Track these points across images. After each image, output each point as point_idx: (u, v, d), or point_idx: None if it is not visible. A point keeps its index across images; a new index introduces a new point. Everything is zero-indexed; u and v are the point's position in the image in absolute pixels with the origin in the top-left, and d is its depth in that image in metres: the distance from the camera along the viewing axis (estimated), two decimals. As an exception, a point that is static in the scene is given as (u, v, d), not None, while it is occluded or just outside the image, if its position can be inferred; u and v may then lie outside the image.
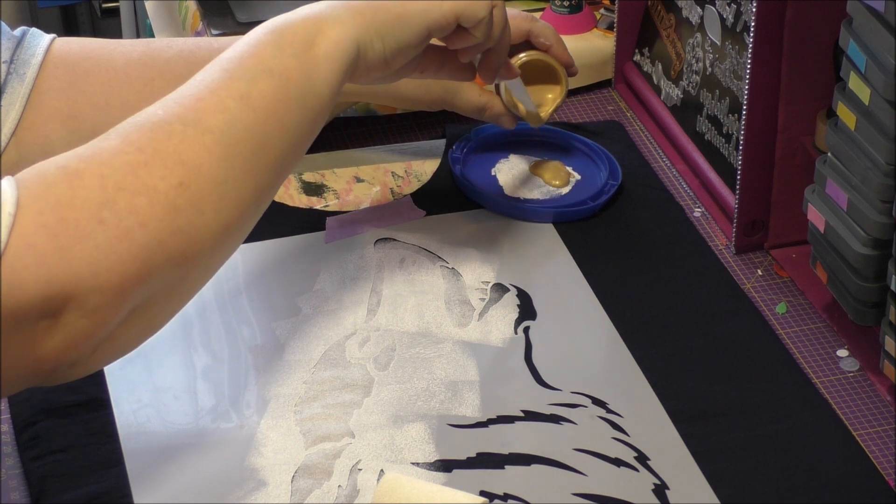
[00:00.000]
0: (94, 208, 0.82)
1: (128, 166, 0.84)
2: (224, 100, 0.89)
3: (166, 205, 0.84)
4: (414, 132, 1.37)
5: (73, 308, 0.81)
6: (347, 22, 0.96)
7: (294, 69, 0.92)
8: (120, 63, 1.12)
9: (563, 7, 1.45)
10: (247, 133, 0.89)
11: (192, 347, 1.10)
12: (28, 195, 0.81)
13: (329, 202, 1.25)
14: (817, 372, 1.11)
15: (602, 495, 0.99)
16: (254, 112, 0.90)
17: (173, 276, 0.86)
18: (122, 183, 0.84)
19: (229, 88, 0.90)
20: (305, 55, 0.93)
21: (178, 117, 0.88)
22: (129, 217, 0.83)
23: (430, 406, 1.06)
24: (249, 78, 0.91)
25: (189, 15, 1.49)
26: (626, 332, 1.12)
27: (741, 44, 1.22)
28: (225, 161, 0.88)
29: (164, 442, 1.02)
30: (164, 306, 0.88)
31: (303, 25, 0.95)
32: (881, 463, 1.03)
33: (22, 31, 1.12)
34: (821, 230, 1.10)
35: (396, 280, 1.17)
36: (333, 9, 0.97)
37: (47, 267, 0.80)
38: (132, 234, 0.83)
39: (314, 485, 0.99)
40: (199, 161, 0.86)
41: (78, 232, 0.81)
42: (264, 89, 0.91)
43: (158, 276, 0.85)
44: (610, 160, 1.29)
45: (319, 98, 0.94)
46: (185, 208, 0.85)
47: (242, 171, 0.89)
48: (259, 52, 0.92)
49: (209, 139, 0.87)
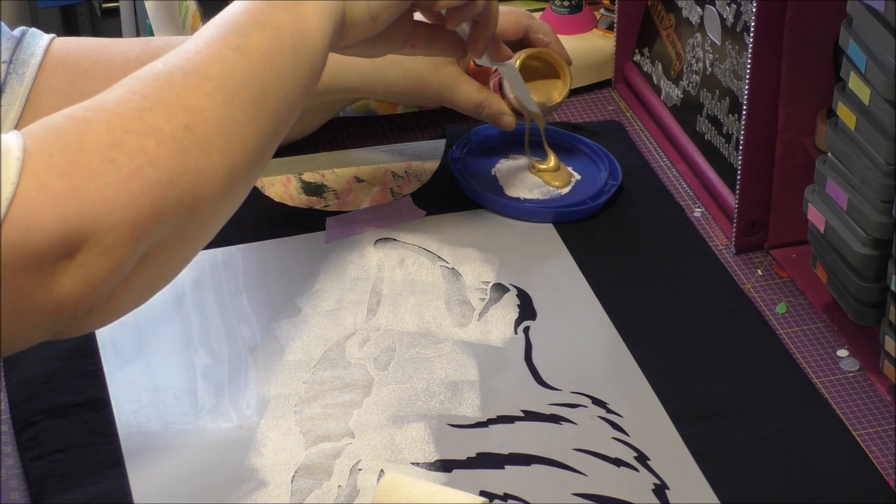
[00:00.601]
0: (104, 149, 0.84)
1: (133, 111, 0.87)
2: (221, 51, 0.92)
3: (173, 145, 0.87)
4: (414, 132, 1.37)
5: (90, 246, 0.83)
6: None
7: (286, 22, 0.95)
8: (119, 62, 1.12)
9: (563, 7, 1.45)
10: (245, 81, 0.92)
11: (192, 347, 1.10)
12: (37, 142, 0.83)
13: (329, 202, 1.25)
14: (817, 372, 1.11)
15: (602, 495, 0.99)
16: (250, 61, 0.92)
17: (184, 217, 0.88)
18: (130, 126, 0.86)
19: (225, 41, 0.92)
20: (295, 10, 0.96)
21: (178, 67, 0.90)
22: (138, 156, 0.85)
23: (430, 406, 1.06)
24: (244, 31, 0.93)
25: (189, 15, 1.50)
26: (626, 332, 1.12)
27: (741, 44, 1.22)
28: (226, 106, 0.90)
29: (164, 442, 1.02)
30: (175, 251, 0.90)
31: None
32: (881, 463, 1.03)
33: (21, 32, 1.12)
34: (821, 230, 1.10)
35: (396, 280, 1.17)
36: None
37: (62, 206, 0.82)
38: (143, 172, 0.85)
39: (314, 485, 0.99)
40: (202, 106, 0.89)
41: (90, 172, 0.83)
42: (259, 41, 0.93)
43: (170, 216, 0.87)
44: (610, 160, 1.29)
45: (312, 50, 0.96)
46: (191, 149, 0.88)
47: (244, 116, 0.91)
48: (250, 9, 0.95)
49: (209, 86, 0.90)
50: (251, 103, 0.92)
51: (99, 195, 0.83)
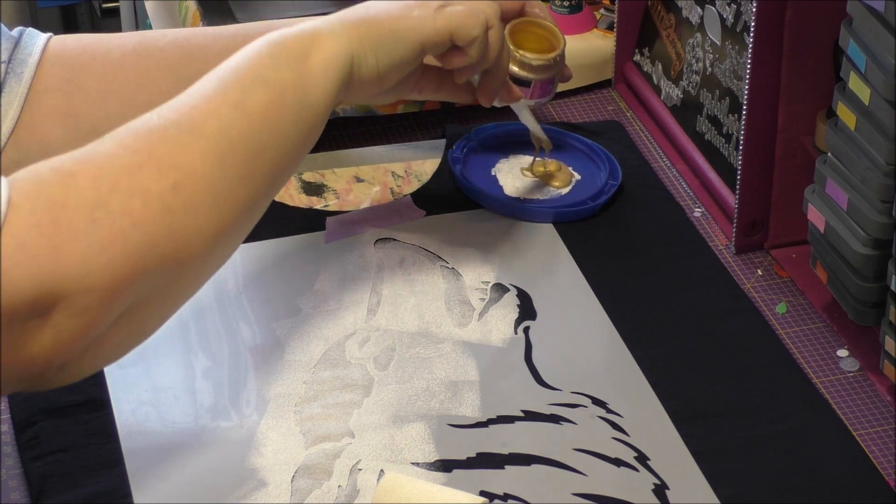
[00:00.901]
0: (88, 209, 0.82)
1: (122, 168, 0.84)
2: (219, 107, 0.89)
3: (160, 206, 0.84)
4: (414, 132, 1.37)
5: (63, 308, 0.81)
6: (342, 35, 0.97)
7: (289, 80, 0.93)
8: (116, 55, 1.12)
9: (563, 7, 1.45)
10: (241, 140, 0.89)
11: (192, 348, 1.10)
12: (21, 195, 0.81)
13: (329, 202, 1.25)
14: (817, 372, 1.11)
15: (602, 495, 0.99)
16: (248, 119, 0.90)
17: (165, 278, 0.86)
18: (117, 184, 0.84)
19: (224, 96, 0.90)
20: (300, 66, 0.94)
21: (173, 123, 0.88)
22: (122, 218, 0.83)
23: (430, 406, 1.06)
24: (244, 87, 0.91)
25: (189, 15, 1.49)
26: (626, 332, 1.12)
27: (741, 44, 1.22)
28: (219, 166, 0.88)
29: (163, 442, 1.02)
30: (155, 310, 0.88)
31: (298, 38, 0.96)
32: (881, 463, 1.03)
33: (19, 32, 1.12)
34: (821, 230, 1.10)
35: (396, 280, 1.17)
36: (328, 23, 0.98)
37: (38, 266, 0.80)
38: (125, 234, 0.83)
39: (314, 485, 0.99)
40: (194, 165, 0.87)
41: (71, 231, 0.81)
42: (259, 98, 0.91)
43: (150, 278, 0.84)
44: (610, 160, 1.29)
45: (314, 109, 0.95)
46: (178, 211, 0.85)
47: (236, 176, 0.89)
48: (254, 63, 0.93)
49: (203, 144, 0.87)
50: (246, 163, 0.90)
51: (77, 257, 0.81)
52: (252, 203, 0.91)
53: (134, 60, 1.12)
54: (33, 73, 1.10)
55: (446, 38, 1.02)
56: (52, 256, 0.80)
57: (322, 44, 0.96)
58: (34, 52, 1.11)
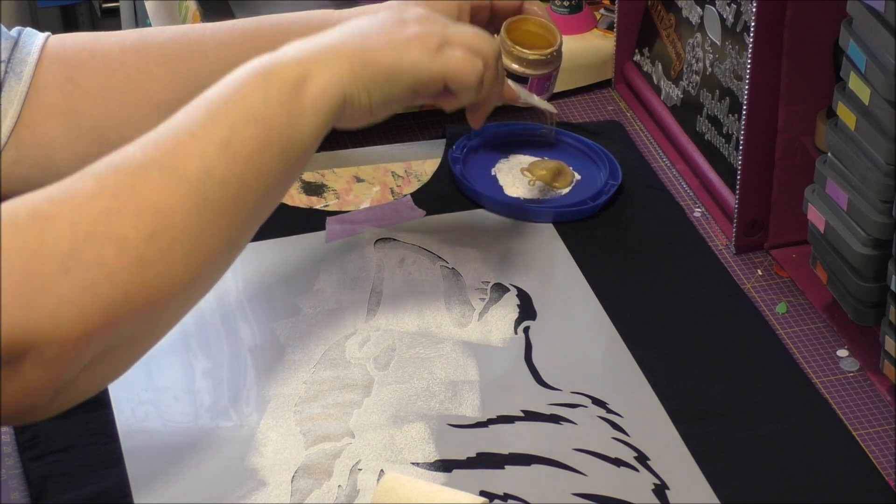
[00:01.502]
0: (62, 257, 0.81)
1: (100, 213, 0.83)
2: (205, 146, 0.87)
3: (135, 257, 0.83)
4: (414, 132, 1.37)
5: (31, 358, 0.80)
6: (336, 71, 0.95)
7: (278, 116, 0.91)
8: (114, 52, 1.12)
9: (563, 7, 1.45)
10: (223, 181, 0.88)
11: (192, 348, 1.10)
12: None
13: (329, 202, 1.25)
14: (817, 372, 1.11)
15: (602, 495, 0.99)
16: (233, 160, 0.88)
17: (138, 325, 0.85)
18: (93, 231, 0.82)
19: (211, 133, 0.88)
20: (291, 102, 0.92)
21: (156, 162, 0.86)
22: (95, 268, 0.81)
23: (430, 406, 1.06)
24: (232, 123, 0.89)
25: (189, 15, 1.49)
26: (626, 332, 1.12)
27: (741, 44, 1.22)
28: (199, 211, 0.86)
29: (164, 442, 1.02)
30: (127, 353, 0.87)
31: (291, 69, 0.93)
32: (881, 463, 1.03)
33: (18, 31, 1.12)
34: (821, 230, 1.10)
35: (396, 280, 1.17)
36: (324, 53, 0.95)
37: (7, 316, 0.78)
38: (97, 286, 0.81)
39: (314, 485, 0.99)
40: (173, 210, 0.85)
41: (42, 281, 0.80)
42: (246, 137, 0.89)
43: (122, 326, 0.83)
44: (610, 160, 1.29)
45: (301, 146, 0.93)
46: (154, 261, 0.84)
47: (216, 220, 0.87)
48: (245, 96, 0.91)
49: (185, 188, 0.86)
50: (226, 205, 0.88)
51: (48, 309, 0.79)
52: (230, 246, 0.90)
53: (132, 57, 1.12)
54: (33, 71, 1.10)
55: (440, 85, 1.00)
56: (21, 307, 0.79)
57: (315, 77, 0.93)
58: (33, 52, 1.11)
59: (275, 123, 0.90)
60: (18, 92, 1.09)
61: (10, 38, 1.11)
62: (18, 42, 1.11)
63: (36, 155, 1.12)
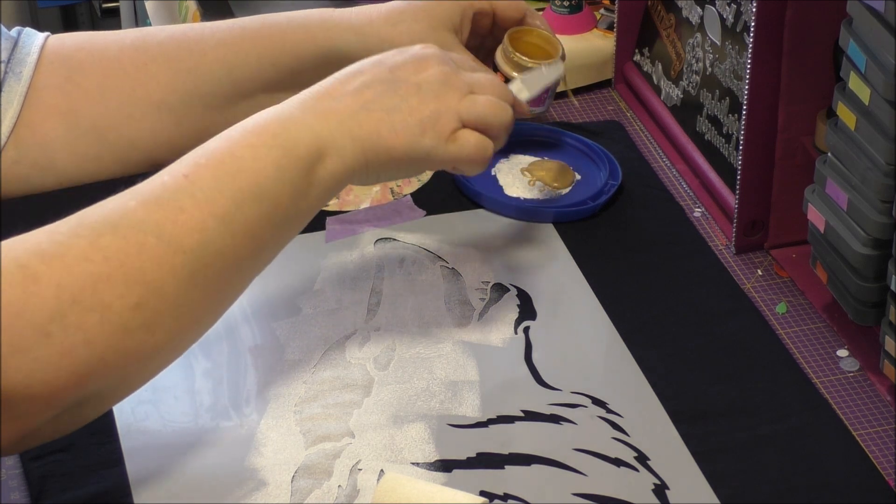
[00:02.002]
0: (43, 320, 0.80)
1: (88, 278, 0.82)
2: (206, 219, 0.87)
3: (117, 325, 0.83)
4: (414, 132, 1.36)
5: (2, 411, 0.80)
6: (349, 158, 0.95)
7: (286, 195, 0.91)
8: (113, 51, 1.12)
9: (563, 7, 1.45)
10: (219, 257, 0.87)
11: (192, 348, 1.10)
12: None
13: (329, 202, 1.25)
14: (817, 372, 1.11)
15: (602, 495, 0.99)
16: (232, 237, 0.88)
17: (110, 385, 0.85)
18: (79, 297, 0.81)
19: (214, 205, 0.87)
20: (301, 179, 0.92)
21: (154, 228, 0.85)
22: (75, 333, 0.81)
23: (430, 406, 1.06)
24: (238, 199, 0.88)
25: (189, 15, 1.50)
26: (626, 332, 1.12)
27: (741, 44, 1.22)
28: (189, 284, 0.86)
29: (164, 442, 1.02)
30: (96, 406, 0.87)
31: (307, 147, 0.93)
32: (881, 463, 1.03)
33: (17, 31, 1.13)
34: (821, 230, 1.10)
35: (396, 280, 1.17)
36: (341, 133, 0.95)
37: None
38: (75, 350, 0.81)
39: (314, 485, 0.99)
40: (163, 282, 0.84)
41: (21, 342, 0.79)
42: (250, 214, 0.89)
43: (94, 387, 0.83)
44: (610, 160, 1.29)
45: (299, 220, 0.94)
46: (136, 330, 0.83)
47: (205, 293, 0.87)
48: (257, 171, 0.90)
49: (179, 260, 0.85)
50: (217, 279, 0.88)
51: (23, 369, 0.79)
52: (217, 311, 0.90)
53: (131, 56, 1.12)
54: (32, 71, 1.10)
55: (450, 168, 1.01)
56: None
57: (328, 160, 0.94)
58: (32, 52, 1.11)
59: (280, 202, 0.91)
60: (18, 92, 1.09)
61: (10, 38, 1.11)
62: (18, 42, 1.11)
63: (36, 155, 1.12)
